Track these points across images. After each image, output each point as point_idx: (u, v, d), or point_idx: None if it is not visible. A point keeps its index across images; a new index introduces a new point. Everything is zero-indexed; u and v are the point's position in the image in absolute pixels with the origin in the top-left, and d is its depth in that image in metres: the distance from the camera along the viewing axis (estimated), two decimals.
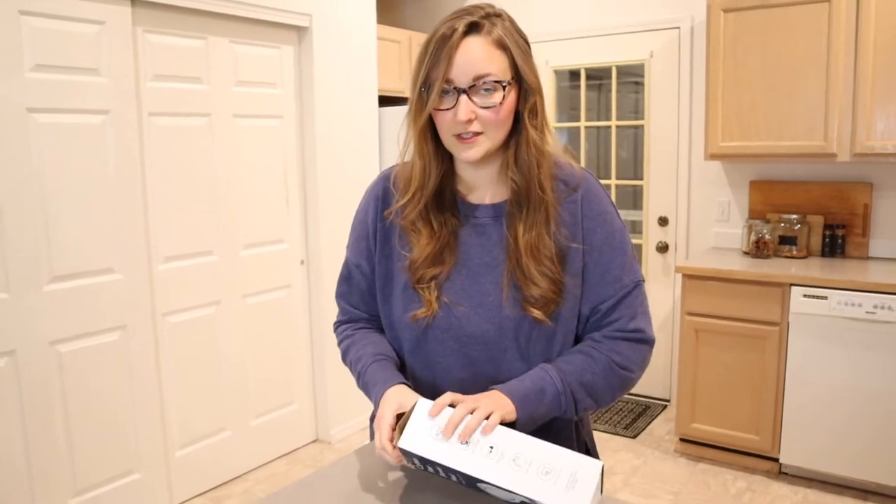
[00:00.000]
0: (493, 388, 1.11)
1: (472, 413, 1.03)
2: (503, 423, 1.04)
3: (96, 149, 2.54)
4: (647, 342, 1.20)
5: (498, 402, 1.06)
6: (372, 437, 1.41)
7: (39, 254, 2.40)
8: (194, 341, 2.97)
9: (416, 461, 1.04)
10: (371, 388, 1.19)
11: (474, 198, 1.23)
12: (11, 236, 2.32)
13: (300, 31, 3.32)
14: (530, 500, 0.97)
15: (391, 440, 1.05)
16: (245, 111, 3.11)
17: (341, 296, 1.36)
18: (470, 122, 1.10)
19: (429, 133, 1.17)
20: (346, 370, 1.33)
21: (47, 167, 2.41)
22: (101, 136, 2.55)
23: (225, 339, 3.10)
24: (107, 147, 2.57)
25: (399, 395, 1.12)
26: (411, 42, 4.06)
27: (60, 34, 2.41)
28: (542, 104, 1.17)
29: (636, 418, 3.78)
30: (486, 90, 1.09)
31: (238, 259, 3.13)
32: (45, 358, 2.44)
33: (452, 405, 1.04)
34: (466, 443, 1.00)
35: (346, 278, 1.34)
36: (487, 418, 1.02)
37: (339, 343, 1.35)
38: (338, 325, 1.38)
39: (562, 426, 1.22)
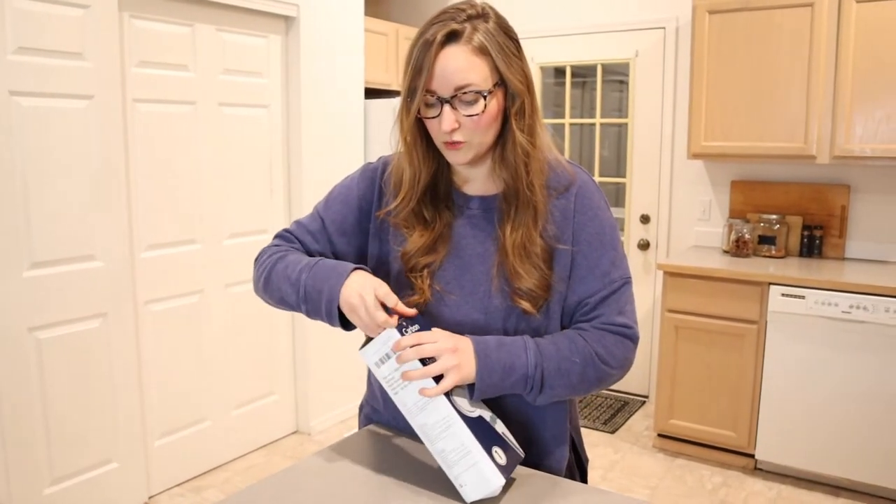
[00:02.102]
0: (470, 339, 1.09)
1: (428, 357, 1.04)
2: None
3: (79, 134, 2.51)
4: (633, 339, 1.19)
5: (462, 362, 1.06)
6: (361, 425, 1.41)
7: (19, 239, 2.37)
8: (176, 330, 2.95)
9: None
10: (326, 272, 1.14)
11: (469, 189, 1.24)
12: None
13: (288, 20, 3.30)
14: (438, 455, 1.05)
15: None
16: (231, 100, 3.09)
17: (290, 231, 1.30)
18: (454, 131, 1.10)
19: (418, 136, 1.17)
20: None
21: (29, 151, 2.37)
22: (84, 122, 2.52)
23: (206, 328, 3.08)
24: (90, 132, 2.54)
25: (370, 280, 1.11)
26: (398, 35, 4.06)
27: (44, 17, 2.37)
28: (532, 104, 1.15)
29: (615, 414, 3.82)
30: (468, 101, 1.09)
31: (221, 248, 3.11)
32: (24, 344, 2.41)
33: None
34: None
35: (304, 225, 1.30)
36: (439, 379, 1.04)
37: (272, 255, 1.25)
38: (271, 246, 1.29)
39: (554, 418, 1.23)
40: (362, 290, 1.09)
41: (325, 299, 1.12)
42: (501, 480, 1.03)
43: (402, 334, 1.07)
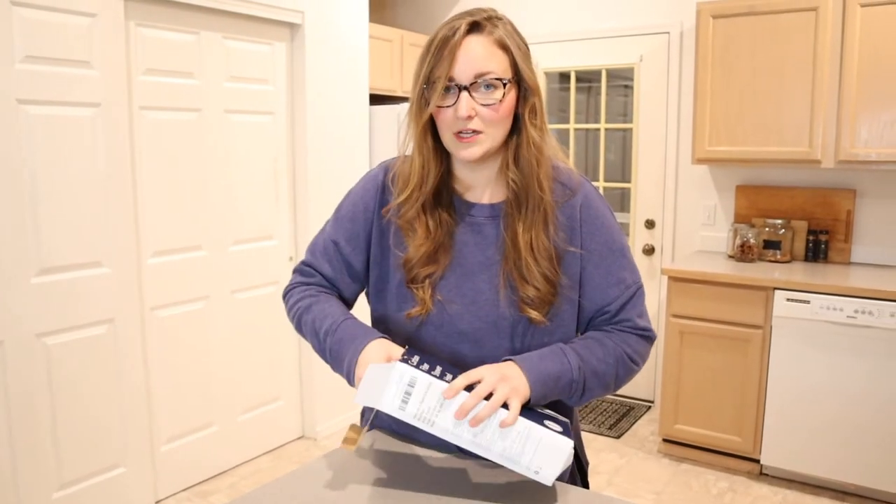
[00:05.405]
0: (510, 360, 1.09)
1: (487, 396, 1.02)
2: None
3: (86, 142, 2.53)
4: (652, 340, 1.25)
5: (517, 386, 1.05)
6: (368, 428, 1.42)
7: (27, 246, 2.39)
8: (182, 336, 2.97)
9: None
10: (348, 342, 1.16)
11: (471, 196, 1.24)
12: None
13: (293, 27, 3.32)
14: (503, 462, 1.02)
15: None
16: (236, 107, 3.11)
17: (307, 263, 1.32)
18: (470, 118, 1.11)
19: (429, 131, 1.18)
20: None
21: (37, 159, 2.39)
22: (91, 129, 2.54)
23: (213, 334, 3.09)
24: (97, 140, 2.56)
25: (386, 347, 1.11)
26: (403, 41, 4.08)
27: (52, 26, 2.40)
28: (542, 106, 1.18)
29: (620, 419, 3.81)
30: (487, 87, 1.11)
31: (227, 255, 3.13)
32: (32, 350, 2.43)
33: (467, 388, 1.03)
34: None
35: (318, 252, 1.31)
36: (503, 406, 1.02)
37: (297, 301, 1.28)
38: (295, 285, 1.31)
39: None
40: (376, 357, 1.09)
41: (345, 370, 1.16)
42: (570, 441, 1.03)
43: (410, 365, 1.03)
